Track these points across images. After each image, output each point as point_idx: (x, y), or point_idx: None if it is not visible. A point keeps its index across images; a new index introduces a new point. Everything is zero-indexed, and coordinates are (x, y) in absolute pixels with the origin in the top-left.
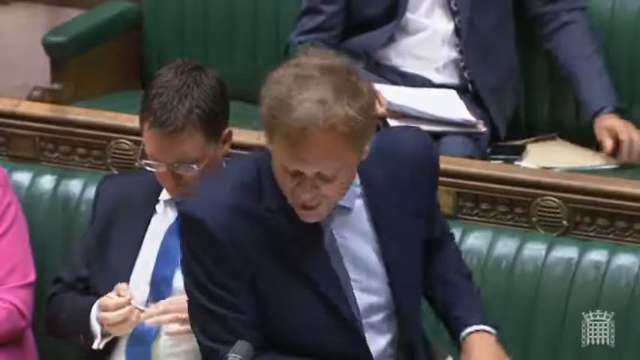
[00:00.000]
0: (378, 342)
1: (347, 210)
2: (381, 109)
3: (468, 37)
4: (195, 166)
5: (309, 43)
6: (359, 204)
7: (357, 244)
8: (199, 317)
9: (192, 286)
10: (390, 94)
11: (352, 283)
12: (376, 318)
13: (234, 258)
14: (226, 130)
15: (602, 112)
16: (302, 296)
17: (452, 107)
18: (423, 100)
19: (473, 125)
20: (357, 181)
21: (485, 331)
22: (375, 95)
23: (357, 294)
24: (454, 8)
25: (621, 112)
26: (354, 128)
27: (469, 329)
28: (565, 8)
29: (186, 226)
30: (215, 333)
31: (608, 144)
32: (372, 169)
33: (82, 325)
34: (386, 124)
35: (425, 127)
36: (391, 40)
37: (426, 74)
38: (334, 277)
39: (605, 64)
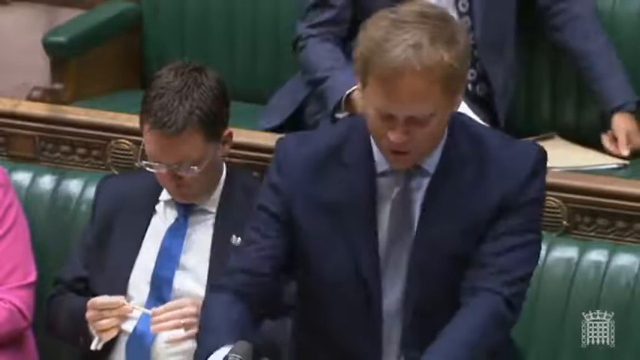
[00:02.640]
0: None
1: (427, 174)
2: None
3: (482, 36)
4: (195, 167)
5: (319, 38)
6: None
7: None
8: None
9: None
10: None
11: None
12: None
13: (285, 202)
14: (227, 131)
15: (624, 109)
16: (341, 260)
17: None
18: None
19: None
20: (439, 155)
21: None
22: (469, 47)
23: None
24: (462, 9)
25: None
26: (448, 74)
27: None
28: None
29: (275, 149)
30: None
31: (617, 148)
32: (460, 150)
33: (80, 327)
34: None
35: None
36: None
37: None
38: (374, 249)
39: (618, 54)
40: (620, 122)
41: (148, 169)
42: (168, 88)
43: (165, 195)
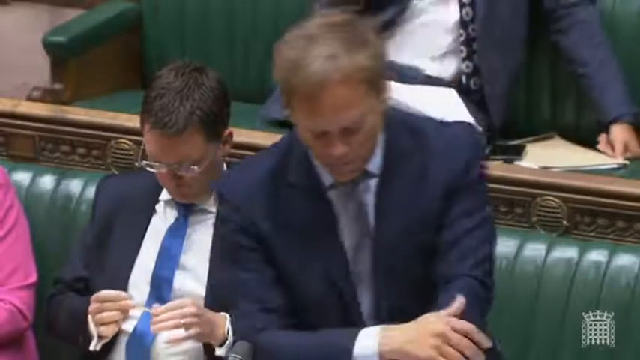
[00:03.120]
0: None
1: (373, 175)
2: None
3: (482, 29)
4: (196, 167)
5: None
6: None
7: (367, 211)
8: (235, 293)
9: (227, 260)
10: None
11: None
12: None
13: (253, 233)
14: (227, 131)
15: (621, 120)
16: (311, 276)
17: (450, 109)
18: (424, 100)
19: None
20: (382, 152)
21: None
22: (383, 43)
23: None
24: (464, 0)
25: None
26: (368, 75)
27: None
28: (578, 1)
29: (220, 202)
30: (244, 312)
31: (616, 156)
32: (402, 145)
33: (80, 326)
34: None
35: None
36: (395, 26)
37: (420, 63)
38: (344, 262)
39: (618, 63)
40: (618, 133)
41: (148, 169)
42: (168, 89)
43: (165, 195)
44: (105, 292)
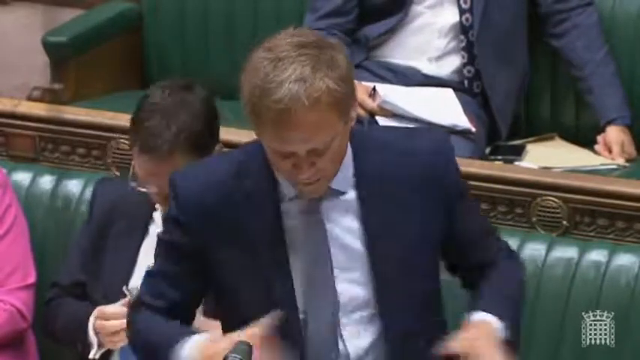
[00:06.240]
0: (361, 339)
1: (339, 193)
2: (372, 105)
3: (480, 34)
4: None
5: (325, 32)
6: (352, 195)
7: (345, 232)
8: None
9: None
10: (386, 91)
11: (337, 274)
12: (361, 314)
13: (192, 232)
14: (217, 147)
15: (618, 123)
16: (255, 290)
17: (445, 110)
18: (418, 102)
19: (464, 130)
20: (351, 171)
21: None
22: (350, 64)
23: (341, 286)
24: (463, 6)
25: (633, 122)
26: (336, 98)
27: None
28: (575, 5)
29: (170, 189)
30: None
31: (614, 157)
32: (373, 162)
33: (79, 334)
34: (375, 121)
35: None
36: (392, 31)
37: (417, 64)
38: (288, 279)
39: (616, 66)
40: (613, 134)
41: (139, 189)
42: (154, 111)
43: None
44: (111, 310)
